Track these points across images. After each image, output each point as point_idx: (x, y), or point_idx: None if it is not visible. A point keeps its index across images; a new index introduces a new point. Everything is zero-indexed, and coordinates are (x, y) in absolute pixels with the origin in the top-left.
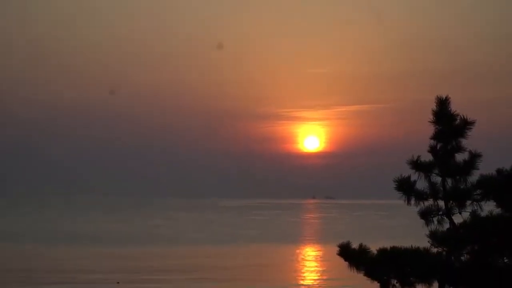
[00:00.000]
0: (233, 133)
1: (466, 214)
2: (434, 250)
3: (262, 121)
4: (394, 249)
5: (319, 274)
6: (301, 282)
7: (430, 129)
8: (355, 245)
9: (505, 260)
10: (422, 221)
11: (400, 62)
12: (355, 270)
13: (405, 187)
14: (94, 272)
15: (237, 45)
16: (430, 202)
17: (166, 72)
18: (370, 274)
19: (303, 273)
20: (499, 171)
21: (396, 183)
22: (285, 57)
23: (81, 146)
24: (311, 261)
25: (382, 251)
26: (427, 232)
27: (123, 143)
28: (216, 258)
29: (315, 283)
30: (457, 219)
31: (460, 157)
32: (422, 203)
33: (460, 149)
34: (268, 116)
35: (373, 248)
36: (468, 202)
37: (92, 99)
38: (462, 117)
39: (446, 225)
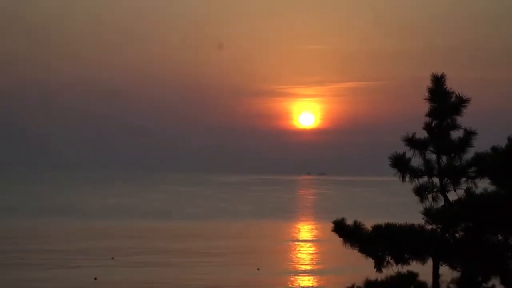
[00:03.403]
0: (229, 110)
1: (460, 191)
2: (429, 227)
3: (258, 98)
4: (388, 226)
5: (313, 251)
6: (296, 260)
7: (426, 107)
8: (349, 221)
9: (499, 237)
10: (417, 198)
11: (396, 40)
12: (349, 247)
13: (400, 164)
14: (89, 246)
15: (234, 23)
16: (425, 179)
17: (164, 50)
18: (365, 250)
19: (298, 250)
20: (494, 149)
21: (391, 160)
22: (280, 33)
23: (80, 124)
24: (305, 238)
25: (376, 228)
26: (422, 209)
27: (123, 120)
28: (209, 235)
29: (310, 261)
30: (452, 196)
31: (455, 134)
32: (417, 180)
33: (455, 126)
34: (263, 92)
35: (368, 224)
36: (463, 179)
37: (91, 76)
38: (458, 94)
39: (441, 202)
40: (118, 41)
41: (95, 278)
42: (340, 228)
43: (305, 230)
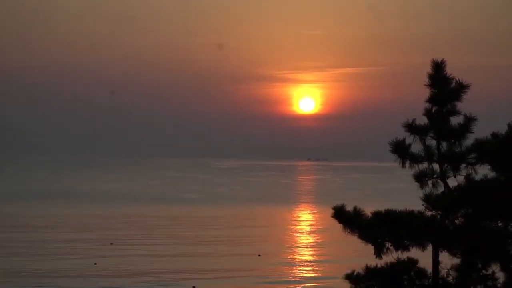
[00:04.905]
0: (228, 95)
1: (460, 178)
2: (429, 213)
3: (258, 83)
4: (388, 212)
5: (312, 238)
6: (295, 247)
7: (426, 92)
8: (349, 207)
9: (499, 224)
10: (417, 184)
11: (396, 25)
12: (349, 233)
13: (400, 150)
14: (88, 232)
15: (234, 9)
16: (425, 165)
17: (164, 36)
18: (365, 237)
19: (296, 237)
20: (494, 135)
21: (391, 146)
22: (280, 18)
23: (79, 111)
24: (304, 223)
25: (376, 214)
26: (422, 195)
27: (122, 104)
28: (208, 220)
29: (309, 247)
30: (452, 182)
31: (455, 120)
32: (417, 166)
33: (455, 112)
34: (263, 78)
35: (368, 211)
36: (463, 165)
37: (93, 63)
38: (458, 80)
39: (441, 188)
40: (118, 28)
41: (95, 264)
42: (339, 214)
43: (304, 216)
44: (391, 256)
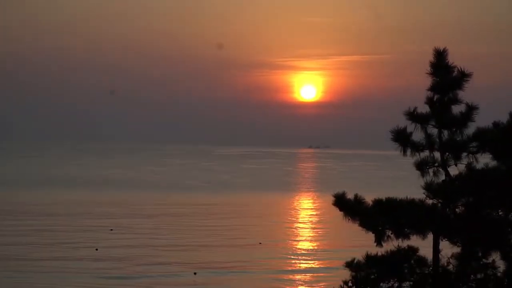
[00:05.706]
0: (230, 82)
1: (462, 166)
2: (429, 201)
3: (258, 70)
4: (389, 200)
5: (312, 226)
6: (295, 236)
7: (428, 81)
8: (350, 195)
9: (500, 213)
10: (418, 172)
11: (400, 13)
12: (350, 221)
13: (401, 138)
14: (89, 218)
15: None
16: (426, 153)
17: (164, 22)
18: (365, 224)
19: (296, 225)
20: (495, 124)
21: (393, 134)
22: (282, 5)
23: (81, 97)
24: (304, 212)
25: (377, 202)
26: (423, 184)
27: (124, 91)
28: (208, 208)
29: (309, 236)
30: (453, 171)
31: (456, 109)
32: (418, 154)
33: (457, 101)
34: (264, 65)
35: (369, 198)
36: (464, 154)
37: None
38: (460, 69)
39: (442, 177)
40: (119, 13)
41: (96, 249)
42: (340, 202)
43: (305, 204)
44: (392, 244)
